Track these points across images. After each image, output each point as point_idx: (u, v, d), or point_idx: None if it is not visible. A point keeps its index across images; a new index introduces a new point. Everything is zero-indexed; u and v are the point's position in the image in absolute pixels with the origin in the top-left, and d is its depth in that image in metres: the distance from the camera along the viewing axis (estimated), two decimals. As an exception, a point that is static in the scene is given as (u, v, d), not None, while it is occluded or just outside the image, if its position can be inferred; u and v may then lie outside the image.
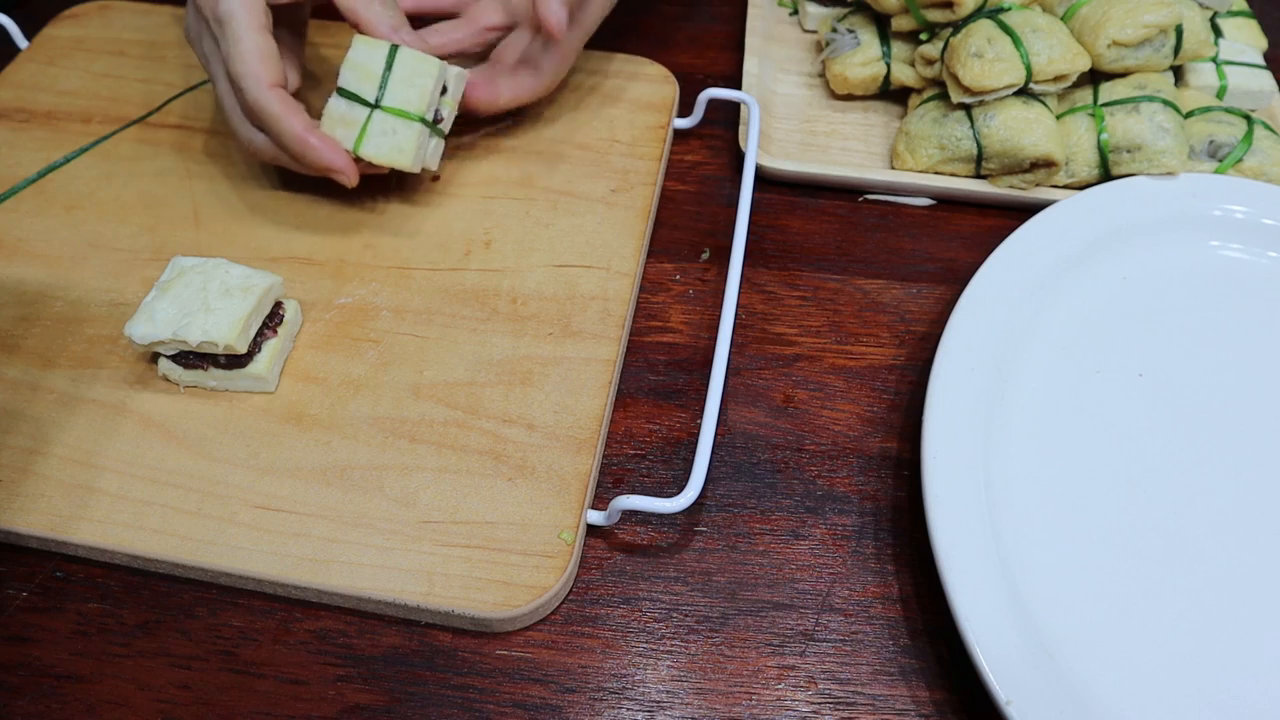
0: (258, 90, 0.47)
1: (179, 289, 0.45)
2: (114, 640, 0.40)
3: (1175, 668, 0.40)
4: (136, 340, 0.44)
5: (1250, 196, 0.55)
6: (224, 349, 0.44)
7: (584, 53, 0.62)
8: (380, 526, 0.42)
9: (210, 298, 0.44)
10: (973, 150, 0.56)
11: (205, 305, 0.44)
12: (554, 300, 0.51)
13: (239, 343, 0.44)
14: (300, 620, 0.41)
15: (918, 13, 0.59)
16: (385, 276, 0.51)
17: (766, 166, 0.58)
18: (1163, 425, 0.48)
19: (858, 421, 0.49)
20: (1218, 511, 0.45)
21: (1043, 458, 0.46)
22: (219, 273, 0.46)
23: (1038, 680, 0.38)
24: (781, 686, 0.40)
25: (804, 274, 0.55)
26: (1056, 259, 0.52)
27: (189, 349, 0.44)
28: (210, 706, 0.39)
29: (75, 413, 0.45)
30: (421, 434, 0.45)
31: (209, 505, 0.42)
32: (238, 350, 0.44)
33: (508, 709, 0.39)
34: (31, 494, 0.43)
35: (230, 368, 0.45)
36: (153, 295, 0.45)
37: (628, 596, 0.43)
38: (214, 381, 0.46)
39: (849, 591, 0.43)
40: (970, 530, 0.42)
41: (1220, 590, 0.42)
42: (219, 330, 0.43)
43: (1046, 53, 0.55)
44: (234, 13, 0.47)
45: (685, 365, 0.50)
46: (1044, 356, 0.49)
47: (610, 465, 0.47)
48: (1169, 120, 0.55)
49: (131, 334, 0.44)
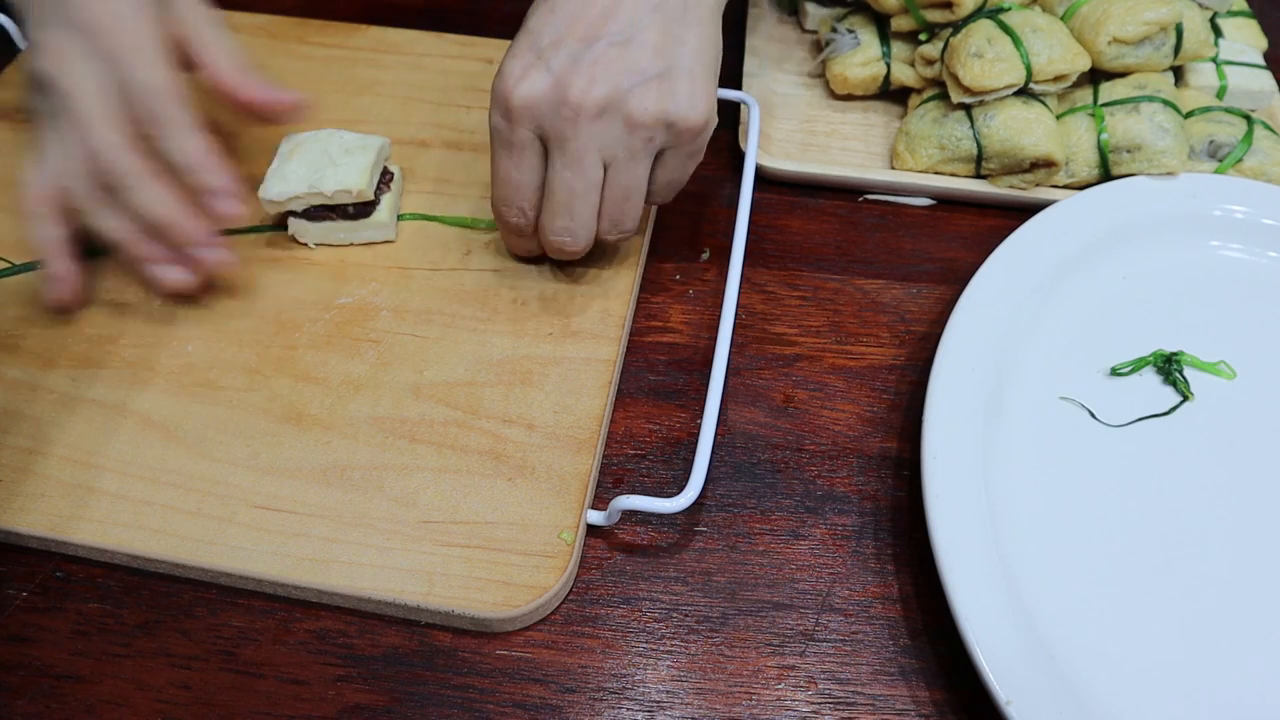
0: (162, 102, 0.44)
1: (301, 154, 0.51)
2: (114, 640, 0.40)
3: (1175, 668, 0.40)
4: (273, 197, 0.49)
5: (1250, 196, 0.55)
6: (356, 196, 0.50)
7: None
8: (380, 526, 0.42)
9: (334, 155, 0.50)
10: (973, 150, 0.56)
11: (331, 162, 0.50)
12: (554, 300, 0.51)
13: (369, 188, 0.50)
14: (300, 620, 0.41)
15: (917, 13, 0.59)
16: (385, 276, 0.51)
17: (766, 166, 0.58)
18: (1163, 425, 0.48)
19: (858, 421, 0.49)
20: (1218, 512, 0.45)
21: (1043, 458, 0.46)
22: (334, 138, 0.51)
23: (1038, 680, 0.38)
24: (781, 686, 0.40)
25: (804, 274, 0.55)
26: (1056, 259, 0.52)
27: (322, 201, 0.50)
28: (210, 706, 0.39)
29: (75, 413, 0.45)
30: (421, 434, 0.45)
31: (209, 505, 0.42)
32: (367, 196, 0.50)
33: (508, 709, 0.39)
34: (31, 494, 0.43)
35: (356, 218, 0.51)
36: (276, 164, 0.51)
37: (628, 596, 0.43)
38: (342, 233, 0.52)
39: (849, 591, 0.43)
40: (970, 530, 0.42)
41: (1220, 590, 0.42)
42: (350, 179, 0.49)
43: (1046, 53, 0.55)
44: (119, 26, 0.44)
45: (685, 365, 0.50)
46: (1044, 356, 0.49)
47: (610, 465, 0.47)
48: (1169, 120, 0.55)
49: (267, 194, 0.49)
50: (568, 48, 0.43)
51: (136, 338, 0.48)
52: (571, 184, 0.45)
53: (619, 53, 0.43)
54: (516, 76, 0.43)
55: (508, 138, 0.44)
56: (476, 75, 0.62)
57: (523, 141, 0.44)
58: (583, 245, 0.47)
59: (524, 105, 0.43)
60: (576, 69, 0.43)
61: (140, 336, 0.48)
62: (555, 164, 0.44)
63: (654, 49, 0.43)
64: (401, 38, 0.64)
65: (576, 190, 0.45)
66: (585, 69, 0.43)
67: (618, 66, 0.43)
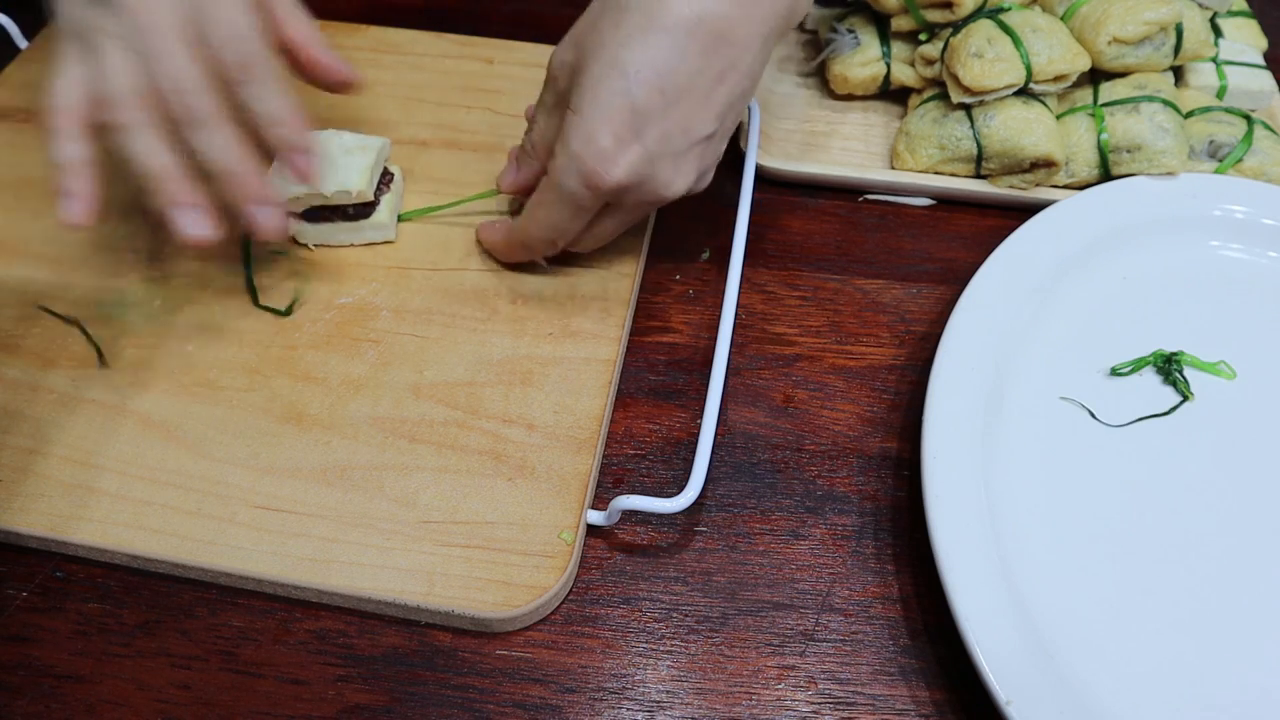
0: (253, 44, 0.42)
1: None
2: (114, 640, 0.40)
3: (1175, 668, 0.40)
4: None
5: (1250, 196, 0.55)
6: (356, 196, 0.50)
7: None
8: (380, 526, 0.42)
9: (334, 156, 0.50)
10: (973, 150, 0.56)
11: (331, 162, 0.50)
12: (554, 300, 0.51)
13: (369, 189, 0.50)
14: (300, 620, 0.41)
15: (917, 13, 0.59)
16: (385, 276, 0.51)
17: (766, 166, 0.58)
18: (1163, 425, 0.48)
19: (858, 421, 0.49)
20: (1217, 511, 0.45)
21: (1043, 457, 0.46)
22: (334, 139, 0.51)
23: (1038, 680, 0.38)
24: (781, 686, 0.40)
25: (804, 274, 0.55)
26: (1056, 259, 0.52)
27: (322, 202, 0.50)
28: (210, 706, 0.39)
29: (75, 413, 0.45)
30: (421, 434, 0.45)
31: (209, 505, 0.42)
32: (367, 197, 0.50)
33: (508, 709, 0.39)
34: (31, 494, 0.43)
35: (356, 218, 0.51)
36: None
37: (628, 596, 0.43)
38: (343, 234, 0.52)
39: (849, 591, 0.43)
40: (970, 530, 0.42)
41: (1220, 590, 0.42)
42: (350, 180, 0.49)
43: (1046, 53, 0.55)
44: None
45: (685, 365, 0.50)
46: (1044, 356, 0.49)
47: (610, 465, 0.47)
48: (1169, 120, 0.55)
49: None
50: (669, 140, 0.43)
51: (136, 338, 0.48)
52: (615, 231, 0.49)
53: (708, 148, 0.45)
54: (613, 155, 0.42)
55: (581, 203, 0.45)
56: (476, 75, 0.62)
57: (593, 208, 0.45)
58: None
59: (615, 189, 0.43)
60: (669, 162, 0.43)
61: (140, 337, 0.48)
62: (610, 219, 0.47)
63: (721, 138, 0.46)
64: (401, 38, 0.64)
65: (616, 234, 0.49)
66: (673, 162, 0.44)
67: (703, 159, 0.45)
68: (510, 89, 0.61)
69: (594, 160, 0.42)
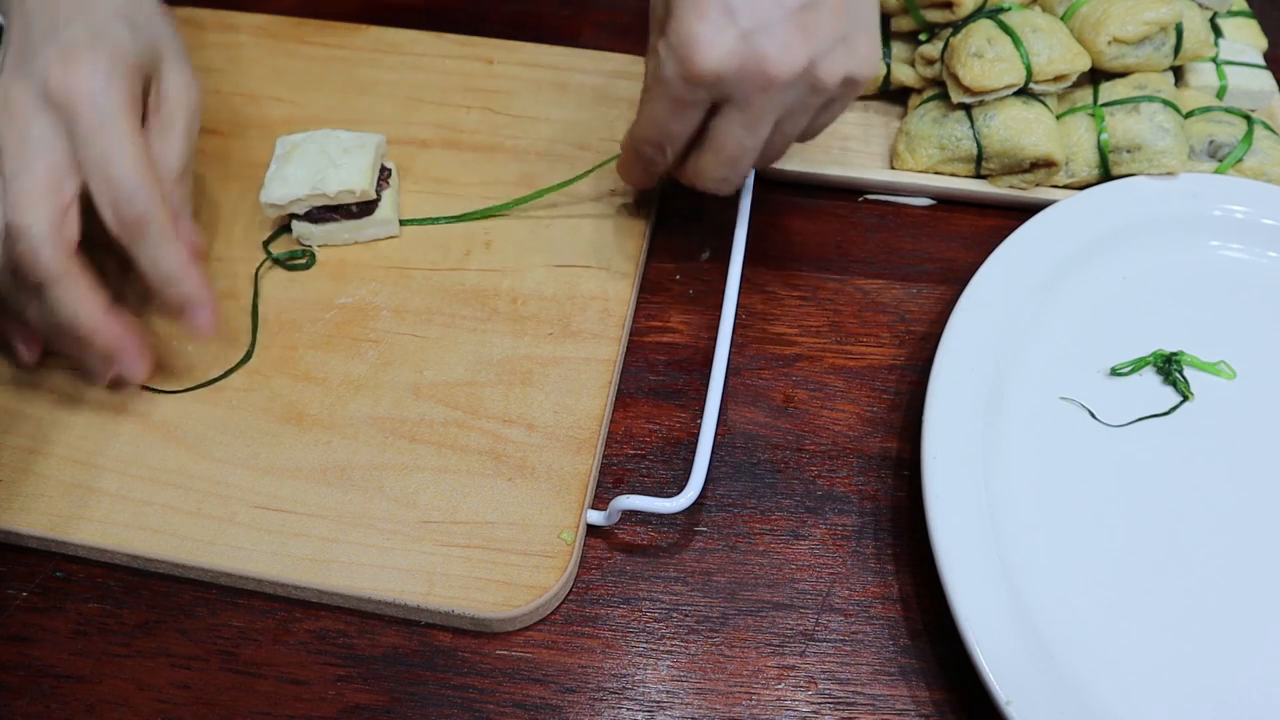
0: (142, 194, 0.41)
1: (300, 156, 0.50)
2: (114, 640, 0.40)
3: (1175, 668, 0.40)
4: (275, 201, 0.49)
5: (1250, 196, 0.55)
6: (359, 195, 0.50)
7: (583, 52, 0.62)
8: (380, 526, 0.42)
9: (334, 156, 0.50)
10: (973, 150, 0.56)
11: (332, 162, 0.50)
12: (554, 300, 0.51)
13: (372, 187, 0.50)
14: (300, 620, 0.41)
15: (917, 13, 0.59)
16: (385, 276, 0.51)
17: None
18: (1163, 425, 0.48)
19: (858, 421, 0.49)
20: (1217, 511, 0.45)
21: (1043, 458, 0.46)
22: (331, 138, 0.51)
23: (1038, 680, 0.38)
24: (781, 686, 0.40)
25: (804, 274, 0.55)
26: (1056, 259, 0.52)
27: (325, 202, 0.50)
28: (210, 706, 0.39)
29: (75, 413, 0.45)
30: (421, 434, 0.45)
31: (209, 505, 0.42)
32: (370, 195, 0.50)
33: (508, 709, 0.39)
34: (31, 494, 0.43)
35: (359, 216, 0.51)
36: (274, 167, 0.50)
37: (628, 596, 0.43)
38: (346, 233, 0.52)
39: (849, 591, 0.43)
40: (970, 530, 0.42)
41: (1220, 590, 0.42)
42: (353, 178, 0.49)
43: (1046, 53, 0.55)
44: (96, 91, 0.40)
45: (685, 365, 0.50)
46: (1044, 356, 0.49)
47: (610, 465, 0.47)
48: (1169, 120, 0.55)
49: (269, 198, 0.49)
50: (761, 11, 0.41)
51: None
52: (743, 142, 0.44)
53: (809, 18, 0.42)
54: (707, 40, 0.40)
55: (681, 96, 0.43)
56: (476, 75, 0.62)
57: (696, 101, 0.43)
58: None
59: (713, 72, 0.41)
60: (770, 36, 0.41)
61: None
62: (731, 121, 0.44)
63: (835, 9, 0.42)
64: (401, 38, 0.64)
65: (747, 148, 0.45)
66: (779, 36, 0.41)
67: (809, 32, 0.42)
68: (510, 89, 0.61)
69: (687, 44, 0.41)
